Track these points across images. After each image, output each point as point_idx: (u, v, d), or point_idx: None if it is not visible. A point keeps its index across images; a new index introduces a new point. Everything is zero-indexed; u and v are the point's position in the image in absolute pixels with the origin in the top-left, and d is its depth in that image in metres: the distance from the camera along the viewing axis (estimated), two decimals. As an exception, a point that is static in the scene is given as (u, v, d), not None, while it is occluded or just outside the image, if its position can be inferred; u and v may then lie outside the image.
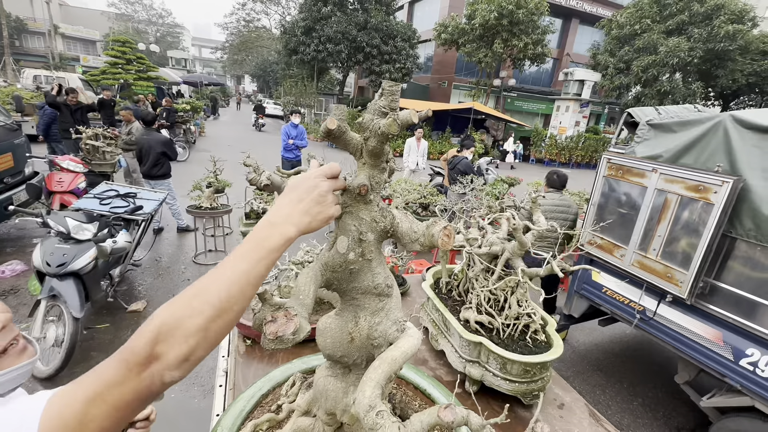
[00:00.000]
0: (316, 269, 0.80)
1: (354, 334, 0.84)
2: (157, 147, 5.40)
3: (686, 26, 18.20)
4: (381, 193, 0.85)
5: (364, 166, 0.78)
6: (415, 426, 0.62)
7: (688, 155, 2.68)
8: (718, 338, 2.52)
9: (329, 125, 0.70)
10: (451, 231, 0.80)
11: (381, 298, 0.85)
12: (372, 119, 0.71)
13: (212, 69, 70.33)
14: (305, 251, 2.48)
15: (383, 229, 0.82)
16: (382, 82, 0.77)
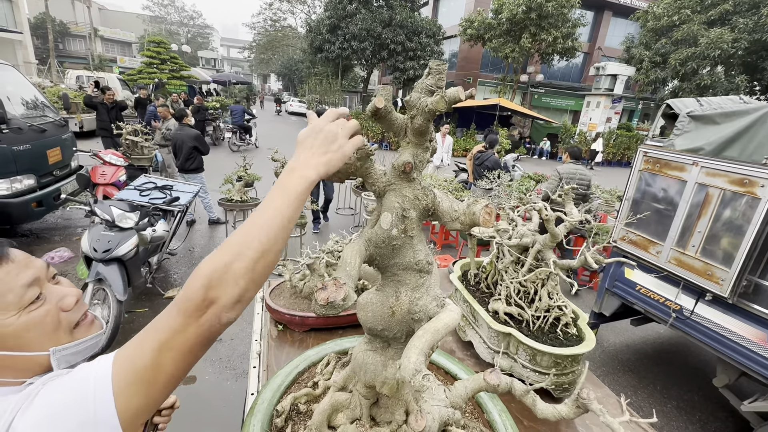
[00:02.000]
0: (360, 244, 0.84)
1: (395, 308, 0.87)
2: (189, 141, 5.64)
3: (730, 16, 17.15)
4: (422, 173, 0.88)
5: (408, 145, 0.81)
6: (460, 390, 0.64)
7: (733, 147, 2.56)
8: (762, 339, 2.40)
9: (377, 104, 0.73)
10: (492, 209, 0.81)
11: (421, 274, 0.87)
12: (419, 97, 0.73)
13: (240, 68, 72.11)
14: (335, 241, 2.54)
15: (425, 207, 0.85)
16: (406, 79, 0.80)
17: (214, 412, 2.73)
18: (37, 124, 4.70)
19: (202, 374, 3.09)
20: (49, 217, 5.76)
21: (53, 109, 5.52)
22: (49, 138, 4.88)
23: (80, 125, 11.85)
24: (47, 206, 4.74)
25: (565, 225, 2.16)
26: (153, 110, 8.57)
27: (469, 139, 18.15)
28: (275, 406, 1.18)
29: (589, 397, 0.63)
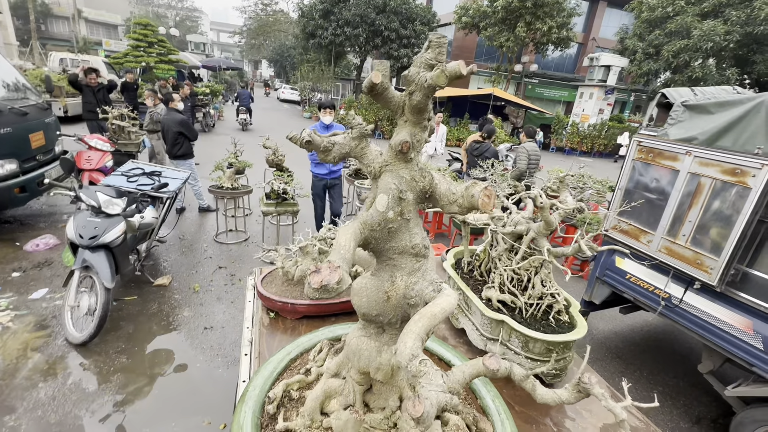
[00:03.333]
0: (355, 227, 0.81)
1: (390, 293, 0.85)
2: (174, 126, 5.49)
3: (723, 8, 17.18)
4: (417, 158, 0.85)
5: (405, 123, 0.78)
6: (457, 375, 0.62)
7: (726, 137, 2.57)
8: (748, 327, 2.45)
9: (374, 79, 0.70)
10: (492, 192, 0.79)
11: (418, 258, 0.85)
12: (418, 72, 0.70)
13: (230, 54, 70.51)
14: (327, 228, 2.51)
15: (422, 189, 0.82)
16: (399, 67, 0.76)
17: (206, 399, 2.71)
18: (19, 107, 4.53)
19: (194, 362, 3.07)
20: (33, 204, 5.61)
21: (36, 92, 5.33)
22: (32, 121, 4.72)
23: (64, 109, 11.51)
24: (31, 192, 4.60)
25: (559, 213, 2.15)
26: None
27: (462, 128, 18.09)
28: (267, 393, 1.16)
29: (590, 381, 0.62)
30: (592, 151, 19.10)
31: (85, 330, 3.01)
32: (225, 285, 4.19)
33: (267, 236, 5.43)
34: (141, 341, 3.21)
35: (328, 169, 4.82)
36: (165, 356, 3.10)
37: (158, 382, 2.82)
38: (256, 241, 5.37)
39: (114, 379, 2.78)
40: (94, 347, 3.06)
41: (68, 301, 3.07)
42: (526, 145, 5.68)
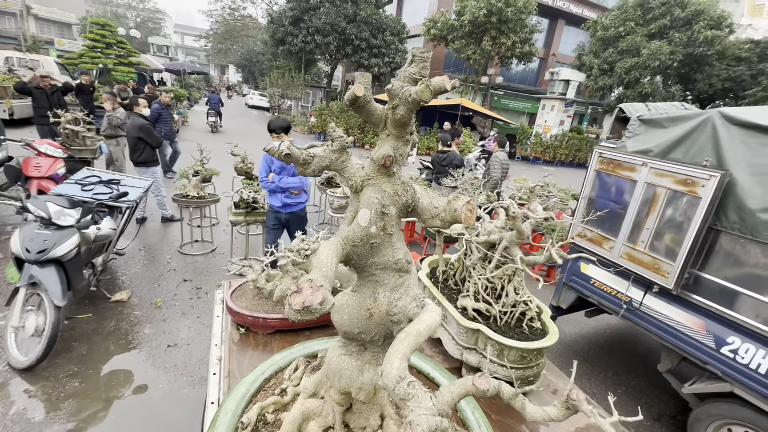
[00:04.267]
0: (336, 243, 0.78)
1: (373, 310, 0.82)
2: (132, 131, 5.22)
3: (668, 30, 18.69)
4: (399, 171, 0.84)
5: (388, 137, 0.77)
6: (446, 396, 0.61)
7: (678, 150, 2.76)
8: (701, 327, 2.61)
9: (356, 92, 0.68)
10: (474, 206, 0.79)
11: (401, 273, 0.83)
12: (402, 86, 0.69)
13: (195, 57, 68.48)
14: (301, 239, 2.45)
15: (405, 203, 0.81)
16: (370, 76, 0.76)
17: (169, 422, 2.55)
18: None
19: (155, 383, 2.88)
20: (-29, 214, 5.12)
21: (-25, 93, 4.89)
22: (-29, 125, 4.32)
23: (9, 112, 10.67)
24: (-32, 202, 4.20)
25: (530, 222, 2.21)
26: (158, 108, 7.92)
27: (432, 137, 18.43)
28: (240, 418, 1.09)
29: (578, 398, 0.62)
30: (555, 160, 20.01)
31: (32, 353, 2.76)
32: (190, 299, 3.99)
33: (235, 247, 5.24)
34: (96, 362, 2.98)
35: (281, 201, 3.79)
36: (123, 378, 2.89)
37: (115, 407, 2.62)
38: (224, 252, 5.17)
39: (65, 406, 2.56)
40: (41, 371, 2.80)
41: (11, 322, 2.80)
42: (499, 155, 5.86)
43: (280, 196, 3.78)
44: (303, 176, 3.62)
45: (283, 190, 3.73)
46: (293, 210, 3.90)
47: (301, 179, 3.78)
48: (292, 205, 3.88)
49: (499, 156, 5.85)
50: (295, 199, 3.86)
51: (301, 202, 3.95)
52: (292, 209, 3.89)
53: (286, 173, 3.74)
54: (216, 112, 15.28)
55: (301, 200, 3.94)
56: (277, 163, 3.69)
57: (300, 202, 3.94)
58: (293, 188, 3.75)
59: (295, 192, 3.81)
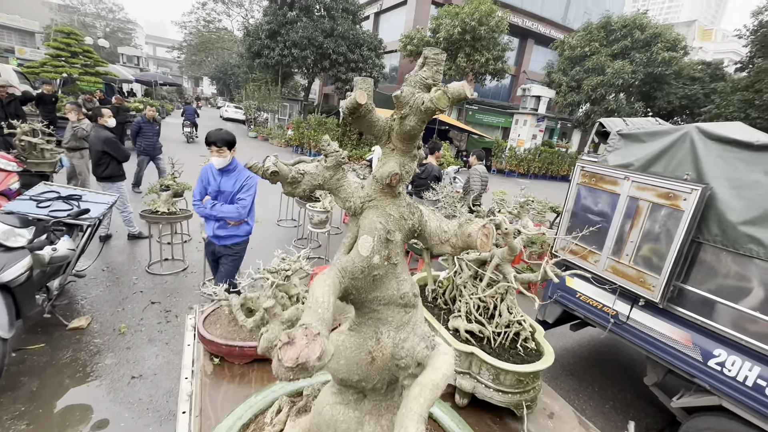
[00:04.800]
0: (333, 276, 0.66)
1: (375, 354, 0.70)
2: (96, 144, 4.90)
3: (629, 51, 19.83)
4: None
5: (392, 152, 0.66)
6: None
7: (658, 164, 2.80)
8: (687, 340, 2.61)
9: (359, 99, 0.58)
10: (491, 230, 0.69)
11: (407, 309, 0.72)
12: (412, 93, 0.59)
13: (168, 69, 67.03)
14: (280, 258, 2.29)
15: (411, 228, 0.70)
16: (348, 90, 0.66)
17: (131, 467, 2.28)
18: None
19: (117, 419, 2.59)
20: None
21: None
22: None
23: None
24: None
25: (522, 238, 2.15)
26: (140, 121, 7.57)
27: (410, 151, 18.55)
28: (214, 479, 0.93)
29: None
30: (529, 173, 20.55)
31: (-30, 393, 2.43)
32: (158, 323, 3.69)
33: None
34: (48, 399, 2.66)
35: (213, 231, 3.20)
36: (80, 415, 2.59)
37: (69, 451, 2.33)
38: (196, 271, 4.88)
39: (7, 454, 2.25)
40: (-19, 414, 2.47)
41: (-53, 358, 2.47)
42: (478, 168, 5.92)
43: (214, 225, 3.19)
44: (245, 204, 3.16)
45: (216, 218, 3.14)
46: (226, 243, 3.26)
47: (241, 207, 3.12)
48: (225, 238, 3.24)
49: (479, 169, 5.90)
50: (230, 231, 3.22)
51: (237, 235, 3.26)
52: (224, 242, 3.26)
53: (223, 198, 3.15)
54: (192, 122, 15.79)
55: (237, 233, 3.26)
56: (214, 185, 3.13)
57: (236, 235, 3.26)
58: (228, 218, 3.14)
59: (232, 223, 3.19)
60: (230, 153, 3.10)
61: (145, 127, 7.61)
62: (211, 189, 3.15)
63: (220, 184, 3.13)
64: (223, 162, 3.07)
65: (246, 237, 3.39)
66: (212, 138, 3.02)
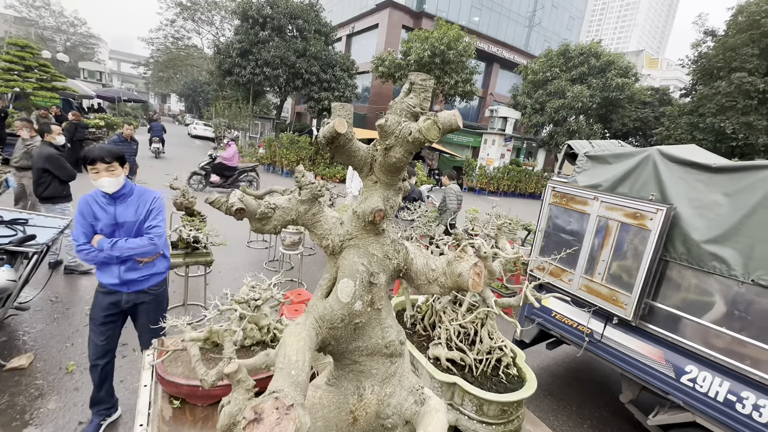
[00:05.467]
0: (308, 327, 0.57)
1: (357, 413, 0.62)
2: (38, 162, 4.52)
3: (586, 77, 21.21)
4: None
5: (375, 185, 0.60)
6: None
7: (624, 185, 2.91)
8: (660, 357, 2.65)
9: (338, 128, 0.51)
10: (482, 269, 0.64)
11: (393, 359, 0.64)
12: (398, 122, 0.53)
13: (133, 85, 65.07)
14: (250, 286, 2.15)
15: (396, 268, 0.63)
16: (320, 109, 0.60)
17: None
18: None
19: (59, 475, 2.29)
20: None
21: None
22: None
23: None
24: None
25: (500, 261, 2.12)
26: (116, 140, 7.13)
27: (383, 169, 18.71)
28: None
29: None
30: (499, 190, 21.16)
31: None
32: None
33: (172, 291, 4.65)
34: (-25, 456, 2.33)
35: (119, 276, 2.39)
36: (14, 472, 2.27)
37: None
38: (158, 298, 4.55)
39: None
40: None
41: None
42: (453, 187, 6.04)
43: (118, 269, 2.38)
44: (160, 232, 2.46)
45: (122, 259, 2.36)
46: (142, 288, 2.49)
47: (155, 237, 2.41)
48: (139, 282, 2.47)
49: (453, 188, 5.99)
50: (144, 271, 2.47)
51: (156, 273, 2.56)
52: (139, 287, 2.48)
53: (124, 233, 2.39)
54: (159, 138, 16.16)
55: (156, 270, 2.55)
56: (106, 218, 2.33)
57: (154, 274, 2.54)
58: (140, 254, 2.38)
59: (143, 260, 2.45)
60: (122, 171, 2.38)
61: (122, 146, 7.20)
62: (103, 224, 2.34)
63: (116, 214, 2.36)
64: (115, 183, 2.32)
65: (166, 273, 2.69)
66: (95, 153, 2.27)
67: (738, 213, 2.31)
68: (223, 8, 33.13)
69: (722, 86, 15.74)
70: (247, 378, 0.46)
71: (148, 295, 2.54)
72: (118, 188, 2.35)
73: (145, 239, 2.37)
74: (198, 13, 34.02)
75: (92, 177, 2.29)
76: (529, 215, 7.73)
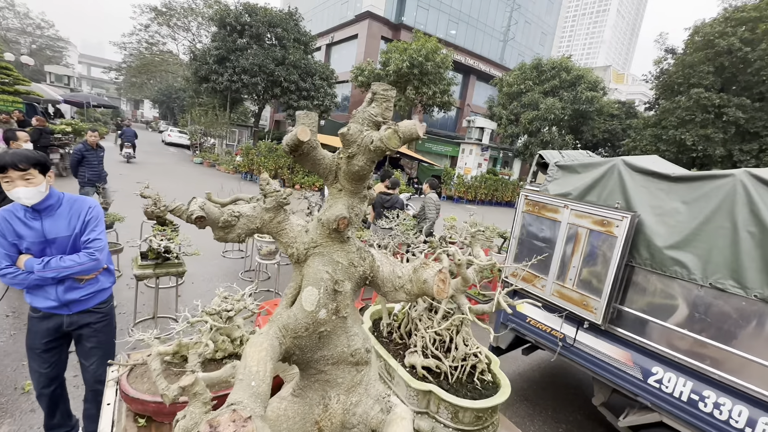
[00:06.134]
0: (271, 337, 0.57)
1: (323, 423, 0.61)
2: None
3: (558, 90, 22.11)
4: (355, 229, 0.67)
5: (340, 192, 0.60)
6: None
7: (592, 193, 3.03)
8: (628, 359, 2.75)
9: (300, 136, 0.51)
10: (447, 275, 0.65)
11: (359, 368, 0.64)
12: (360, 130, 0.54)
13: (103, 90, 62.99)
14: (222, 297, 2.10)
15: (362, 275, 0.63)
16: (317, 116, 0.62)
17: None
18: None
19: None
20: None
21: None
22: None
23: None
24: None
25: (474, 268, 2.16)
26: (81, 149, 6.72)
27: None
28: None
29: None
30: (476, 199, 21.56)
31: None
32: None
33: (141, 304, 4.47)
34: None
35: (58, 298, 2.11)
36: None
37: None
38: (125, 311, 4.36)
39: None
40: None
41: None
42: (432, 196, 6.05)
43: (55, 290, 2.10)
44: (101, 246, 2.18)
45: (57, 279, 2.07)
46: (87, 307, 2.23)
47: (96, 252, 2.15)
48: (83, 301, 2.20)
49: (432, 197, 6.04)
50: (87, 289, 2.20)
51: (101, 290, 2.29)
52: (83, 306, 2.21)
53: (56, 250, 2.10)
54: (131, 144, 16.67)
55: (101, 286, 2.29)
56: (31, 235, 2.03)
57: (99, 290, 2.28)
58: (80, 272, 2.11)
59: (83, 278, 2.17)
60: (44, 179, 2.03)
61: (88, 155, 6.86)
62: (29, 242, 2.03)
63: (45, 230, 2.05)
64: (35, 194, 1.99)
65: (111, 288, 2.40)
66: (6, 159, 1.92)
67: (696, 220, 2.44)
68: (200, 14, 32.70)
69: (682, 101, 16.74)
70: (204, 391, 0.45)
71: (95, 314, 2.27)
72: (39, 200, 2.02)
73: (84, 255, 2.10)
74: (174, 19, 33.43)
75: (5, 188, 1.95)
76: (505, 223, 7.90)
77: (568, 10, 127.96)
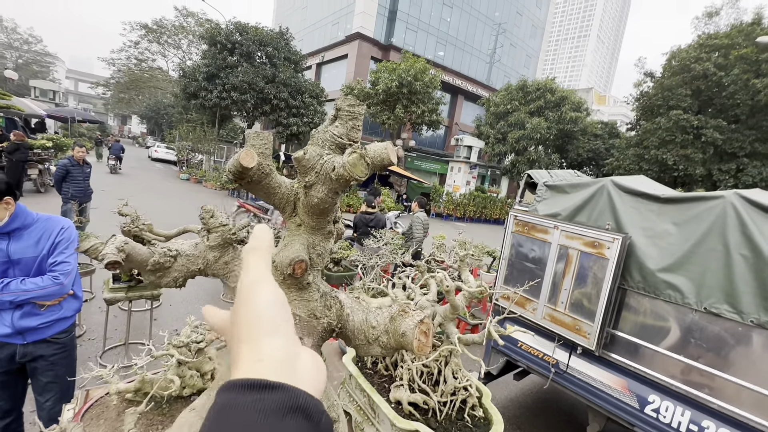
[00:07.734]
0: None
1: None
2: None
3: (543, 110, 22.66)
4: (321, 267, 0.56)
5: (299, 228, 0.49)
6: None
7: (582, 214, 2.97)
8: (624, 387, 2.64)
9: (245, 161, 0.41)
10: (430, 326, 0.54)
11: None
12: (320, 155, 0.44)
13: (90, 105, 62.40)
14: (193, 326, 1.95)
15: (326, 328, 0.52)
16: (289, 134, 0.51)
17: None
18: None
19: None
20: None
21: None
22: None
23: None
24: None
25: (464, 294, 2.05)
26: (66, 164, 6.52)
27: (352, 194, 18.65)
28: None
29: None
30: (465, 216, 21.63)
31: None
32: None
33: (113, 329, 4.21)
34: None
35: (13, 325, 1.92)
36: None
37: None
38: (95, 337, 4.09)
39: None
40: None
41: None
42: (420, 215, 5.99)
43: (11, 315, 1.93)
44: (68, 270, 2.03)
45: (15, 303, 1.92)
46: (43, 337, 2.04)
47: (61, 276, 2.01)
48: (38, 330, 2.02)
49: (420, 216, 5.97)
50: (46, 317, 2.02)
51: (62, 318, 2.11)
52: (39, 336, 2.03)
53: (20, 271, 1.96)
54: (117, 156, 17.76)
55: (63, 314, 2.11)
56: None
57: (59, 319, 2.09)
58: (41, 297, 1.97)
59: (45, 303, 2.01)
60: (6, 205, 1.91)
61: (73, 170, 6.61)
62: None
63: (9, 251, 1.94)
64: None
65: (74, 317, 2.20)
66: None
67: (688, 242, 2.39)
68: (190, 32, 32.91)
69: (662, 122, 17.27)
70: None
71: (53, 344, 2.06)
72: (2, 224, 1.91)
73: (48, 278, 1.96)
74: (164, 36, 33.56)
75: None
76: (494, 241, 7.84)
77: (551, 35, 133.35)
